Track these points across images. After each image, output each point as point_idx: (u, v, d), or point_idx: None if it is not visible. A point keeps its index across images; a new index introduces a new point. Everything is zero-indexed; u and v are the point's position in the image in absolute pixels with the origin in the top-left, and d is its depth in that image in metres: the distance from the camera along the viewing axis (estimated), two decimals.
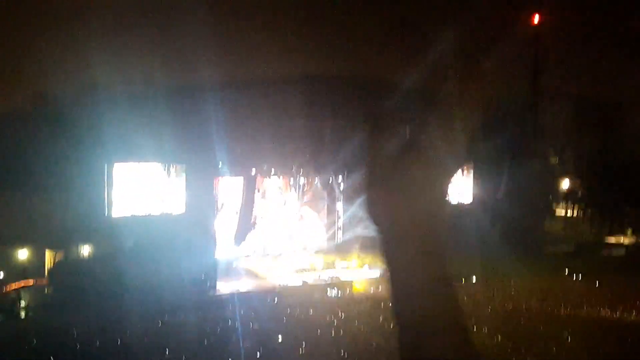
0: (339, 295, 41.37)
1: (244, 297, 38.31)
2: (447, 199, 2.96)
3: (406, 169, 2.86)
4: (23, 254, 41.05)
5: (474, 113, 2.98)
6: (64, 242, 41.55)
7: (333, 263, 47.58)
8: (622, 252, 59.95)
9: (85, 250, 42.01)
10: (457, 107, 2.99)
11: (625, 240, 65.46)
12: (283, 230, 49.95)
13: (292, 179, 49.31)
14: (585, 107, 74.06)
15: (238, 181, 46.31)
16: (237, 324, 32.52)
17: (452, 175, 2.98)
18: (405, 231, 2.83)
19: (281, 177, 48.96)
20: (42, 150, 41.24)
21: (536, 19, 65.82)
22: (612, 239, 65.54)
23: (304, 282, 43.12)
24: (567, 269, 48.76)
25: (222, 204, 45.56)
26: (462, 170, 55.04)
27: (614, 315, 36.55)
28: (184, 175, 41.91)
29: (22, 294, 37.31)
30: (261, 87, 51.41)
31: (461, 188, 54.84)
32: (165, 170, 41.57)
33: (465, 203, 55.17)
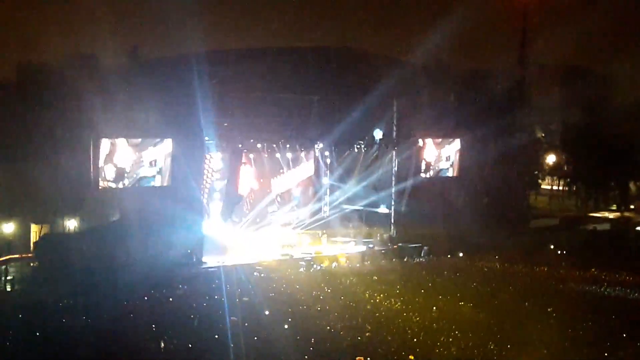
0: (324, 270, 41.54)
1: (230, 271, 38.34)
2: None
3: None
4: (9, 228, 40.96)
5: None
6: (49, 215, 41.48)
7: (319, 238, 47.68)
8: (606, 226, 60.27)
9: (71, 223, 41.95)
10: None
11: (610, 215, 65.87)
12: (270, 206, 49.92)
13: (280, 155, 49.09)
14: (572, 80, 74.14)
15: (224, 156, 46.11)
16: (224, 297, 32.58)
17: None
18: None
19: (267, 154, 48.67)
20: (27, 124, 41.04)
21: None
22: (597, 214, 65.92)
23: (290, 257, 43.22)
24: (551, 244, 49.01)
25: (209, 178, 45.38)
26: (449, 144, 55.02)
27: (597, 289, 36.91)
28: (170, 149, 41.58)
29: (8, 267, 37.25)
30: (246, 61, 51.22)
31: (448, 161, 54.82)
32: (153, 144, 41.16)
33: (452, 176, 55.19)
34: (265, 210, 48.94)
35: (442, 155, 53.79)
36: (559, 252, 47.51)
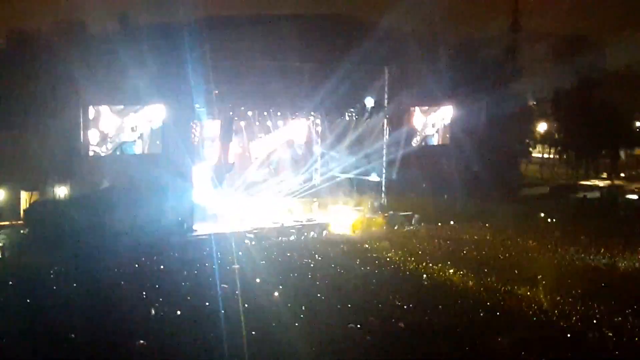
0: (315, 238, 41.64)
1: (221, 239, 38.32)
2: None
3: None
4: None
5: None
6: (39, 183, 41.31)
7: (310, 206, 47.69)
8: (596, 194, 60.41)
9: (61, 191, 41.79)
10: None
11: (600, 183, 66.00)
12: (261, 173, 49.96)
13: (271, 123, 49.09)
14: (565, 48, 73.96)
15: (216, 123, 45.99)
16: (215, 265, 32.60)
17: None
18: None
19: (258, 120, 48.68)
20: (16, 91, 40.72)
21: None
22: (587, 182, 66.04)
23: (282, 225, 43.22)
24: (541, 212, 49.10)
25: (200, 146, 45.30)
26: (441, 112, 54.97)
27: (587, 257, 37.07)
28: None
29: None
30: (238, 28, 50.85)
31: (434, 128, 54.79)
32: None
33: (444, 144, 55.27)
34: (253, 177, 48.98)
35: (428, 122, 53.82)
36: (549, 220, 47.63)
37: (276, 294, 27.89)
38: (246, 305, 26.00)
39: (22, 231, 38.49)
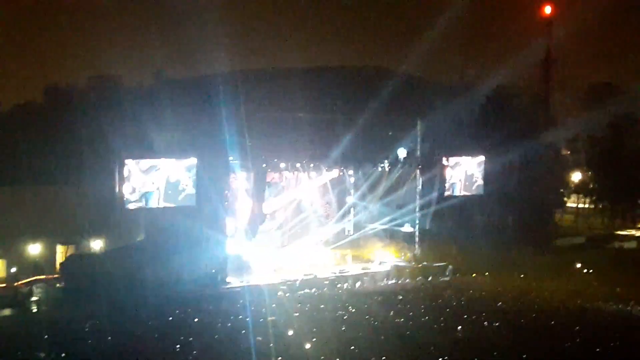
0: (349, 289, 41.45)
1: (254, 291, 38.36)
2: None
3: None
4: (35, 249, 41.23)
5: None
6: (75, 236, 41.73)
7: (344, 257, 47.64)
8: (633, 244, 59.65)
9: (97, 244, 42.17)
10: None
11: (636, 232, 65.17)
12: (294, 224, 50.07)
13: (303, 172, 49.31)
14: (599, 97, 73.79)
15: (249, 175, 46.29)
16: (248, 317, 32.54)
17: None
18: None
19: (293, 171, 48.94)
20: (53, 145, 41.36)
21: (548, 9, 65.75)
22: (623, 232, 65.24)
23: (315, 276, 43.10)
24: (577, 262, 48.56)
25: (234, 198, 45.52)
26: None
27: (624, 308, 36.53)
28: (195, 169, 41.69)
29: (34, 288, 37.46)
30: (271, 81, 51.41)
31: (473, 180, 54.38)
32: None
33: (477, 195, 54.89)
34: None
35: (460, 172, 53.33)
36: (585, 270, 47.08)
37: (309, 346, 27.76)
38: (280, 358, 25.91)
39: (57, 284, 38.75)
